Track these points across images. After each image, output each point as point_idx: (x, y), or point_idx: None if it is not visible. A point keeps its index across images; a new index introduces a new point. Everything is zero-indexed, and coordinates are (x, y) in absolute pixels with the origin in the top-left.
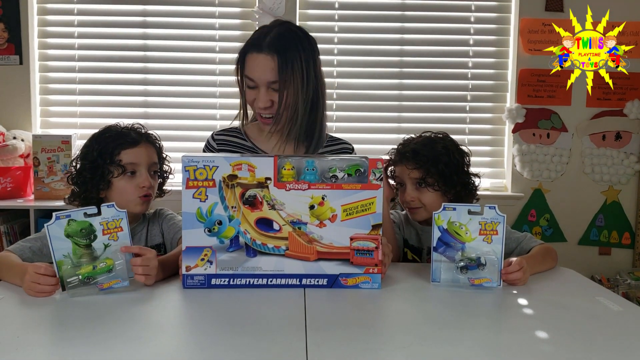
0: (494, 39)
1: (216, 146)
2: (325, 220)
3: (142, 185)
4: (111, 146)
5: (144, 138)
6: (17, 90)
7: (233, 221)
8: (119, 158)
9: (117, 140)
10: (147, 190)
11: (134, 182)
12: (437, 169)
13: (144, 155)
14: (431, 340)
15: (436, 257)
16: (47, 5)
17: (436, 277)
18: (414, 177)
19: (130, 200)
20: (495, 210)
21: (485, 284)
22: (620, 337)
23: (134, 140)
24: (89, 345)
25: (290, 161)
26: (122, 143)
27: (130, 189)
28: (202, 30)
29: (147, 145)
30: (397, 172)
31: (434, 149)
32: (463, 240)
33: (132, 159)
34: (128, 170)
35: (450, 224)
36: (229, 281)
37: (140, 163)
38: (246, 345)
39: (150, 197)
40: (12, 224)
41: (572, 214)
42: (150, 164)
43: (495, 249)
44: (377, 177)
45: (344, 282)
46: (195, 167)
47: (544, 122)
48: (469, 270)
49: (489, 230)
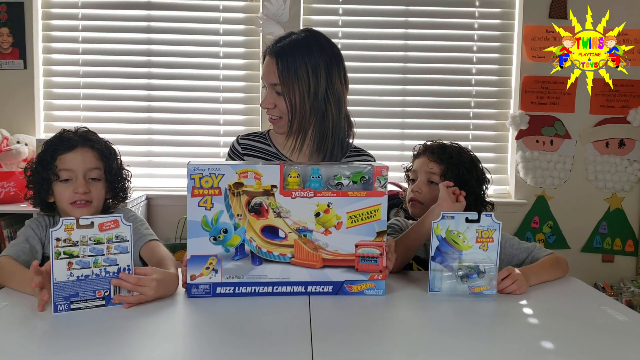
0: (497, 46)
1: (241, 150)
2: (330, 227)
3: (75, 191)
4: (49, 152)
5: (81, 143)
6: (21, 94)
7: (239, 229)
8: (55, 164)
9: (54, 145)
10: (81, 197)
11: (70, 187)
12: (458, 171)
13: (79, 161)
14: (436, 350)
15: (434, 266)
16: (51, 10)
17: (434, 287)
18: (431, 170)
19: (67, 207)
20: (492, 217)
21: (485, 291)
22: (626, 347)
23: (69, 145)
24: (95, 354)
25: (296, 169)
26: (58, 148)
27: (66, 195)
28: (206, 35)
29: (84, 150)
30: (414, 166)
31: (460, 154)
32: (460, 248)
33: (67, 165)
34: (63, 176)
35: (449, 233)
36: (235, 290)
37: (74, 169)
38: (251, 355)
39: (89, 203)
40: (15, 228)
41: (576, 221)
42: (87, 169)
43: (490, 256)
44: (382, 185)
45: (349, 289)
46: (200, 175)
47: (547, 129)
48: (469, 278)
49: (485, 238)
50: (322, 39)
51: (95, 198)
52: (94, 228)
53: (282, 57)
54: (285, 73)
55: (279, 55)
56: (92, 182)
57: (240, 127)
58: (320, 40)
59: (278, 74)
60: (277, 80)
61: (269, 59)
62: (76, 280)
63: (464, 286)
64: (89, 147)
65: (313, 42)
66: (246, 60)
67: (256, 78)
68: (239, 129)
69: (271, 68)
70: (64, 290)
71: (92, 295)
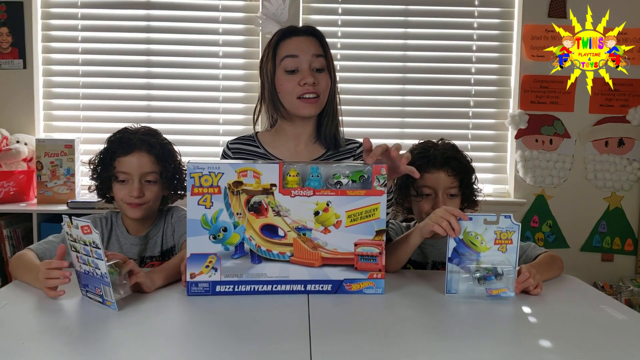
0: (497, 45)
1: (232, 155)
2: (329, 226)
3: (129, 194)
4: (109, 152)
5: (139, 147)
6: (20, 94)
7: (238, 228)
8: (113, 165)
9: (114, 146)
10: (135, 200)
11: (125, 189)
12: (469, 175)
13: (135, 165)
14: (435, 350)
15: (451, 267)
16: (51, 10)
17: (451, 288)
18: (451, 186)
19: (122, 205)
20: (511, 219)
21: (502, 294)
22: (625, 346)
23: (128, 149)
24: (94, 353)
25: (295, 168)
26: (116, 151)
27: (122, 195)
28: (205, 35)
29: (141, 155)
30: (428, 182)
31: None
32: (478, 250)
33: (123, 167)
34: (120, 177)
35: (467, 234)
36: (234, 288)
37: (131, 172)
38: (250, 353)
39: (142, 205)
40: (15, 227)
41: (575, 220)
42: (143, 173)
43: (509, 258)
44: (381, 184)
45: (348, 287)
46: (200, 174)
47: (546, 128)
48: (486, 280)
49: (504, 240)
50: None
51: (149, 200)
52: (79, 230)
53: (317, 35)
54: (326, 47)
55: (315, 32)
56: (147, 185)
57: (240, 127)
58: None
59: (323, 47)
60: (319, 51)
61: (303, 37)
62: (84, 273)
63: (481, 288)
64: (145, 151)
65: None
66: (245, 60)
67: (256, 77)
68: (238, 129)
69: (311, 43)
70: (82, 279)
71: (94, 291)
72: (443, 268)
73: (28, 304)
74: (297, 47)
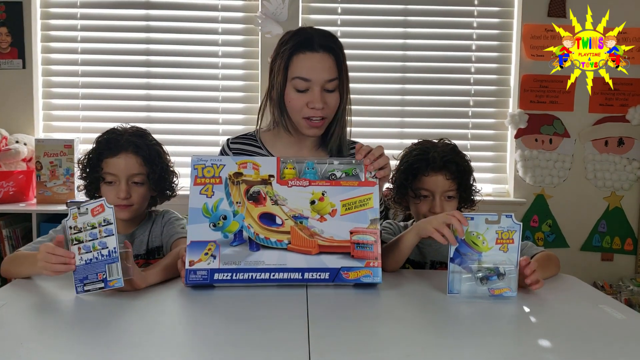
0: (496, 45)
1: (231, 154)
2: (325, 214)
3: (117, 196)
4: (97, 153)
5: (126, 148)
6: (20, 94)
7: (237, 216)
8: (101, 166)
9: (101, 147)
10: (122, 201)
11: (113, 190)
12: (467, 177)
13: (122, 167)
14: (431, 344)
15: (452, 268)
16: (50, 10)
17: (453, 289)
18: (449, 189)
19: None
20: (512, 218)
21: (505, 294)
22: (623, 346)
23: (115, 150)
24: (93, 350)
25: (292, 162)
26: (103, 152)
27: (109, 196)
28: (204, 35)
29: (127, 156)
30: (426, 184)
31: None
32: (480, 250)
33: (110, 169)
34: (107, 179)
35: (468, 234)
36: (232, 276)
37: (117, 174)
38: (247, 343)
39: (130, 206)
40: (14, 228)
41: (575, 220)
42: (130, 175)
43: (510, 258)
44: (372, 176)
45: (345, 275)
46: (203, 166)
47: (546, 128)
48: (488, 280)
49: (505, 239)
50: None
51: (136, 202)
52: (88, 214)
53: (334, 51)
54: (341, 68)
55: (333, 48)
56: (134, 186)
57: (240, 127)
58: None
59: (338, 65)
60: (332, 76)
61: (319, 56)
62: (85, 264)
63: (484, 288)
64: (132, 152)
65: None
66: (245, 60)
67: (255, 77)
68: (238, 128)
69: (326, 63)
70: (79, 274)
71: (95, 278)
72: (442, 267)
73: (27, 303)
74: (310, 69)
